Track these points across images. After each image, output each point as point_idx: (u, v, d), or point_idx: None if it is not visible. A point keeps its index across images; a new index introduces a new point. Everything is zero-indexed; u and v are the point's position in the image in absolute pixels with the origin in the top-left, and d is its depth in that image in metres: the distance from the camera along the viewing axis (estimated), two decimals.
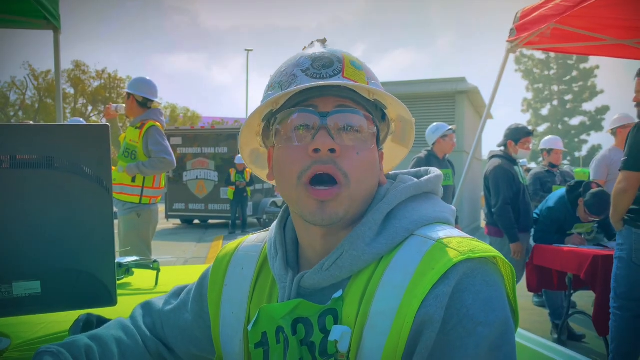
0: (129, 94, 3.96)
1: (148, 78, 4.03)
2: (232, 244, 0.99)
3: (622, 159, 2.86)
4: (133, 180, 3.83)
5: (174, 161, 3.89)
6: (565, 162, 10.62)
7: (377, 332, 0.68)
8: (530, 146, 4.23)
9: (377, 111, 0.81)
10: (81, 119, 10.36)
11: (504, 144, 4.22)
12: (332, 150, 0.73)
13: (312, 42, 0.83)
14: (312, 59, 0.78)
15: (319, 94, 0.76)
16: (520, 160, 5.72)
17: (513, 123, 4.32)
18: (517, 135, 4.15)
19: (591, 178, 4.80)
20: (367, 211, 0.79)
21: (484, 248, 0.70)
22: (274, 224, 0.91)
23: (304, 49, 0.84)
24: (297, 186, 0.75)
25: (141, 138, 3.83)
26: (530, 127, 4.29)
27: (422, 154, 4.82)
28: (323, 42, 0.83)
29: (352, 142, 0.75)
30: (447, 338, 0.65)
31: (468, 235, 0.74)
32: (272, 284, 0.86)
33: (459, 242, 0.70)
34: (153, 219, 3.97)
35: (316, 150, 0.73)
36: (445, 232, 0.73)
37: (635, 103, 3.06)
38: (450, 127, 4.79)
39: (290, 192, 0.77)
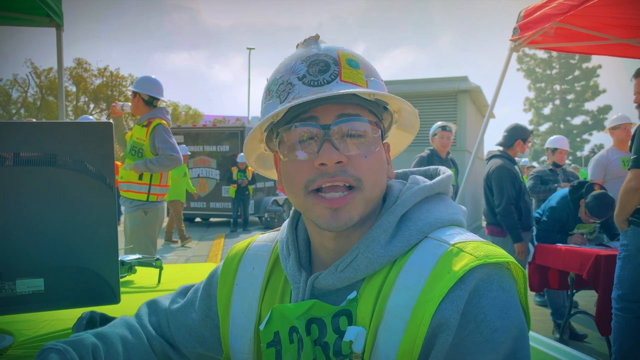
0: (135, 93, 3.98)
1: (153, 77, 4.05)
2: (241, 244, 0.99)
3: (632, 158, 2.83)
4: (140, 177, 3.85)
5: (181, 158, 3.91)
6: (567, 161, 10.71)
7: (391, 333, 0.68)
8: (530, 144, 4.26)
9: (378, 107, 0.81)
10: (91, 117, 10.40)
11: (511, 144, 4.20)
12: (338, 162, 0.72)
13: (305, 40, 0.81)
14: (308, 63, 0.75)
15: (319, 104, 0.74)
16: (523, 160, 5.72)
17: (513, 122, 4.31)
18: (525, 134, 4.15)
19: (589, 178, 4.80)
20: (381, 212, 0.79)
21: (499, 253, 0.70)
22: (285, 224, 0.91)
23: (297, 47, 0.82)
24: (305, 196, 0.75)
25: (148, 136, 3.85)
26: (530, 127, 4.31)
27: (425, 152, 4.85)
28: (316, 39, 0.80)
29: (357, 149, 0.74)
30: (463, 343, 0.65)
31: (482, 239, 0.74)
32: (285, 284, 0.86)
33: (474, 247, 0.70)
34: (159, 216, 3.99)
35: (323, 164, 0.72)
36: (460, 236, 0.73)
37: (636, 104, 3.05)
38: (440, 124, 4.82)
39: (299, 201, 0.77)
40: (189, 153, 10.81)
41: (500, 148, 4.26)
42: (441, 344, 0.65)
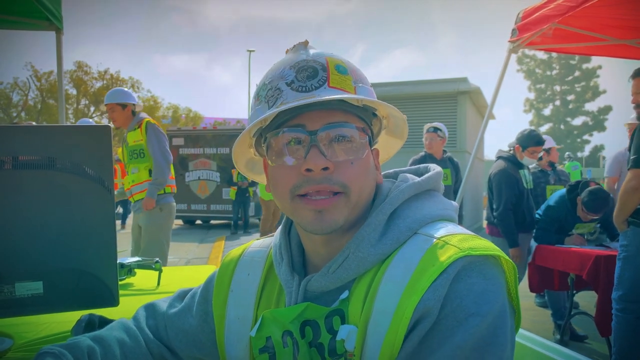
0: (115, 106, 4.12)
1: (125, 88, 4.27)
2: (237, 250, 0.99)
3: (631, 158, 2.83)
4: (150, 174, 4.05)
5: (169, 158, 4.08)
6: (568, 161, 10.77)
7: (378, 328, 0.69)
8: (539, 155, 4.19)
9: (367, 113, 0.80)
10: (91, 120, 10.50)
11: (513, 147, 4.20)
12: (325, 168, 0.72)
13: (295, 46, 0.81)
14: (296, 69, 0.75)
15: (307, 109, 0.74)
16: None
17: (527, 128, 4.28)
18: (526, 142, 4.10)
19: (605, 174, 4.80)
20: (370, 212, 0.79)
21: (485, 245, 0.70)
22: (279, 229, 0.91)
23: (287, 52, 0.82)
24: (290, 200, 0.76)
25: (144, 134, 4.04)
26: (543, 137, 4.21)
27: (419, 155, 4.86)
28: (305, 45, 0.80)
29: (344, 155, 0.74)
30: (437, 326, 0.65)
31: (470, 232, 0.74)
32: (280, 289, 0.86)
33: (459, 239, 0.71)
34: (173, 214, 4.18)
35: (309, 170, 0.72)
36: (447, 230, 0.74)
37: (634, 105, 3.06)
38: (428, 126, 4.85)
39: (285, 205, 0.78)
40: None
41: (511, 150, 4.25)
42: (420, 329, 0.66)
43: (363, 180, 0.76)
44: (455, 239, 0.71)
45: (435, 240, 0.72)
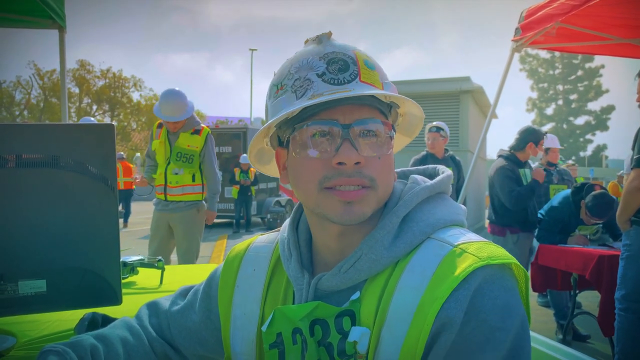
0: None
1: (177, 90, 4.08)
2: (241, 245, 0.99)
3: (634, 157, 2.82)
4: (193, 179, 4.18)
5: (220, 176, 4.33)
6: (570, 161, 10.78)
7: (394, 333, 0.68)
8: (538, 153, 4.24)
9: (389, 109, 0.80)
10: (93, 119, 10.50)
11: (522, 147, 4.18)
12: (356, 163, 0.72)
13: (318, 37, 0.79)
14: (326, 61, 0.74)
15: (340, 103, 0.73)
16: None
17: (526, 125, 4.29)
18: (535, 137, 4.13)
19: (624, 171, 4.78)
20: (383, 213, 0.79)
21: (501, 254, 0.70)
22: (286, 224, 0.90)
23: (306, 42, 0.81)
24: (318, 192, 0.75)
25: (202, 142, 4.17)
26: (548, 136, 4.27)
27: (420, 154, 4.86)
28: (329, 36, 0.78)
29: (372, 150, 0.74)
30: (464, 342, 0.65)
31: (483, 239, 0.74)
32: (287, 284, 0.86)
33: (477, 248, 0.70)
34: (204, 214, 4.32)
35: (341, 163, 0.72)
36: (463, 237, 0.74)
37: (638, 104, 3.05)
38: (427, 126, 4.86)
39: (311, 197, 0.76)
40: None
41: (511, 150, 4.24)
42: (443, 341, 0.65)
43: (388, 175, 0.77)
44: (473, 247, 0.70)
45: (452, 247, 0.71)
